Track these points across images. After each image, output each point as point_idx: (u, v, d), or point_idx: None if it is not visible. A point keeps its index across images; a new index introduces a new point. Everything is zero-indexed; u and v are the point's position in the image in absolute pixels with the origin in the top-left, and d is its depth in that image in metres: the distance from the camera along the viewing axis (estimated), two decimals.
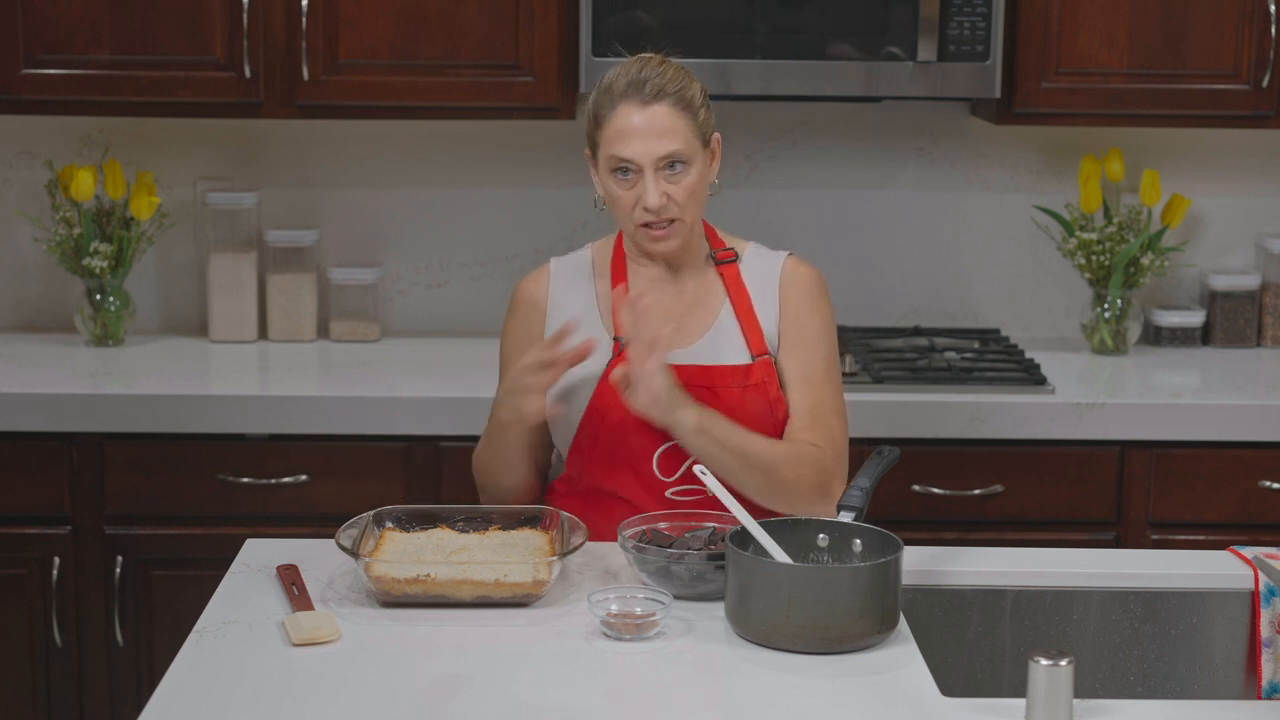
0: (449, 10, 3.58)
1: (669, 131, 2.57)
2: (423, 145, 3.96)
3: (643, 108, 2.57)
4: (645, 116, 2.57)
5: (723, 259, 2.73)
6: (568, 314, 2.68)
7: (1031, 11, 3.60)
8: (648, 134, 2.57)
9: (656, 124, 2.57)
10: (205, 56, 3.58)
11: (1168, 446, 3.47)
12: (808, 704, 2.07)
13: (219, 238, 3.89)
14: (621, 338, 2.64)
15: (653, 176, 2.57)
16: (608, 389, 2.62)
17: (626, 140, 2.57)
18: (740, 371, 2.65)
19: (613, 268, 2.73)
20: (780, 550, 2.32)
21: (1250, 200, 4.02)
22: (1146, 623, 2.51)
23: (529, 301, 2.75)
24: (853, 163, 3.99)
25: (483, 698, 2.06)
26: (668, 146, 2.57)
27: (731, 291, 2.71)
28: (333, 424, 3.43)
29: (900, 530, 2.38)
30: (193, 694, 2.08)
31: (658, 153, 2.57)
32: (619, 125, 2.58)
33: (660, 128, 2.57)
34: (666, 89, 2.58)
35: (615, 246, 2.75)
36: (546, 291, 2.74)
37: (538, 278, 2.77)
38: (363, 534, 2.42)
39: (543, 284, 2.75)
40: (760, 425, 2.63)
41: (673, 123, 2.58)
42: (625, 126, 2.57)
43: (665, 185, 2.59)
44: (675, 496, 2.63)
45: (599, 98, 2.62)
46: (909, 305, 4.03)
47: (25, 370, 3.60)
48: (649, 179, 2.57)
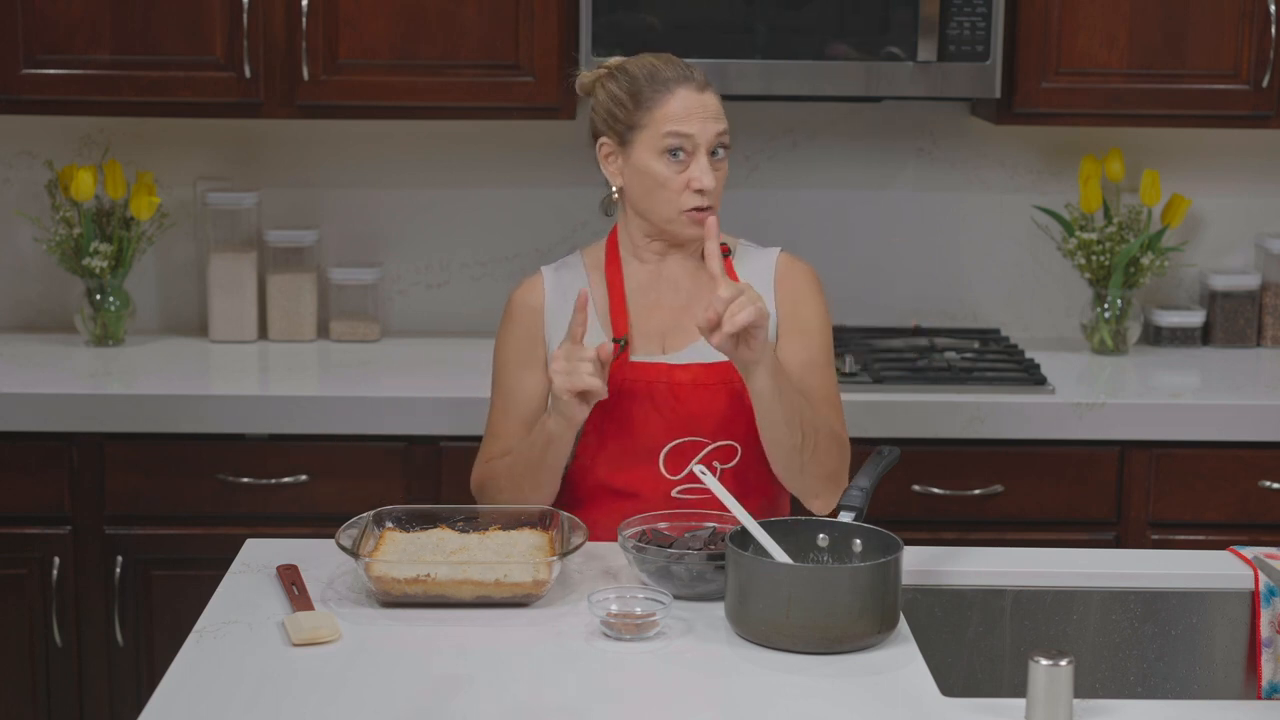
0: (449, 10, 3.58)
1: (720, 115, 2.64)
2: (423, 145, 3.96)
3: (699, 92, 2.62)
4: (703, 100, 2.62)
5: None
6: (566, 317, 2.68)
7: (1031, 11, 3.60)
8: (707, 115, 2.61)
9: (713, 107, 2.63)
10: (205, 56, 3.58)
11: (1168, 446, 3.47)
12: (808, 704, 2.07)
13: (219, 238, 3.89)
14: (621, 339, 2.64)
15: (705, 159, 2.61)
16: (612, 387, 2.61)
17: (689, 118, 2.60)
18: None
19: (607, 267, 2.73)
20: (780, 550, 2.32)
21: (1250, 200, 4.02)
22: (1146, 623, 2.51)
23: (527, 308, 2.74)
24: (853, 163, 3.99)
25: (483, 698, 2.06)
26: (721, 125, 2.63)
27: None
28: (333, 424, 3.43)
29: (900, 530, 2.37)
30: (193, 694, 2.08)
31: (715, 131, 2.62)
32: (680, 105, 2.60)
33: (716, 111, 2.63)
34: (709, 82, 2.65)
35: (608, 247, 2.75)
36: (543, 297, 2.74)
37: (532, 285, 2.76)
38: (363, 534, 2.42)
39: (538, 291, 2.75)
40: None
41: (720, 109, 2.65)
42: (688, 105, 2.60)
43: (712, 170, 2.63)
44: (680, 495, 2.63)
45: (638, 83, 2.63)
46: (909, 305, 4.03)
47: (25, 370, 3.60)
48: (703, 160, 2.60)
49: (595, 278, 2.73)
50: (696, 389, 2.63)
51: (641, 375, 2.65)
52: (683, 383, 2.64)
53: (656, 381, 2.64)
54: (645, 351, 2.68)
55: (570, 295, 2.71)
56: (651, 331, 2.69)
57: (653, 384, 2.64)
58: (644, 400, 2.64)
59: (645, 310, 2.70)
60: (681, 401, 2.63)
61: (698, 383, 2.63)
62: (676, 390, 2.63)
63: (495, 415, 2.75)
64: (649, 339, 2.68)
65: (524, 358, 2.71)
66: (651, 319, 2.69)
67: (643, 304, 2.70)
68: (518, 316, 2.75)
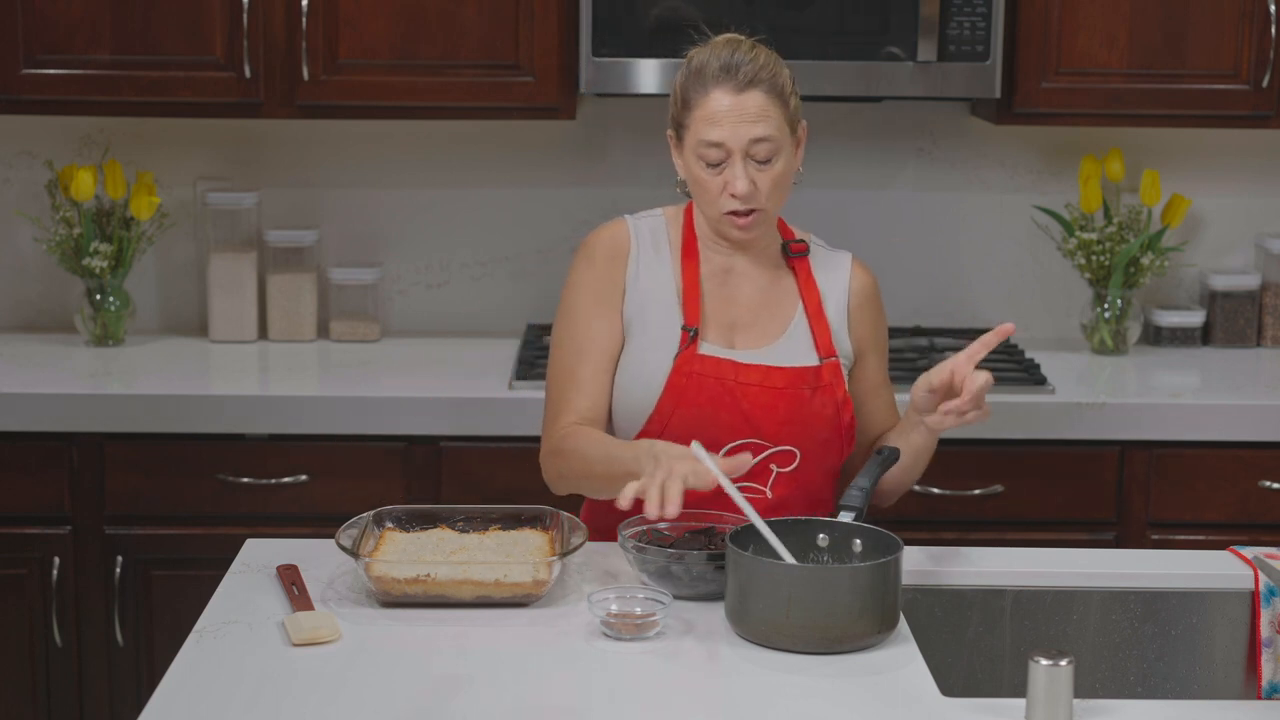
0: (449, 10, 3.58)
1: (761, 118, 2.53)
2: (423, 145, 3.96)
3: (736, 94, 2.53)
4: (738, 102, 2.52)
5: (795, 251, 2.69)
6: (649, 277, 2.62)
7: (1031, 11, 3.60)
8: (740, 119, 2.52)
9: (749, 109, 2.53)
10: (205, 56, 3.58)
11: (1168, 446, 3.47)
12: (808, 704, 2.07)
13: (219, 238, 3.89)
14: (692, 329, 2.59)
15: (741, 163, 2.53)
16: (679, 379, 2.57)
17: (718, 124, 2.52)
18: (810, 373, 2.62)
19: (684, 251, 2.66)
20: (785, 550, 2.32)
21: (1250, 200, 4.02)
22: (1146, 623, 2.51)
23: (613, 252, 2.65)
24: (853, 163, 3.99)
25: (483, 698, 2.06)
26: (759, 130, 2.52)
27: (803, 290, 2.67)
28: (333, 424, 3.43)
29: (900, 530, 2.37)
30: (193, 694, 2.08)
31: (749, 135, 2.52)
32: (711, 109, 2.53)
33: (753, 114, 2.53)
34: (760, 75, 2.54)
35: (685, 225, 2.68)
36: (629, 247, 2.65)
37: (617, 229, 2.67)
38: (363, 534, 2.42)
39: (624, 238, 2.66)
40: (826, 428, 2.61)
41: (764, 110, 2.53)
42: (718, 110, 2.52)
43: (753, 173, 2.54)
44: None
45: (688, 80, 2.57)
46: (909, 305, 4.03)
47: (25, 370, 3.60)
48: (738, 165, 2.53)
49: (673, 253, 2.67)
50: (763, 391, 2.59)
51: (710, 370, 2.59)
52: (749, 384, 2.59)
53: (723, 379, 2.58)
54: (714, 344, 2.62)
55: (654, 256, 2.64)
56: (722, 324, 2.64)
57: (719, 380, 2.58)
58: (709, 397, 2.58)
59: (718, 301, 2.64)
60: (746, 402, 2.57)
61: (764, 385, 2.59)
62: (743, 390, 2.58)
63: (571, 362, 2.62)
64: (719, 332, 2.63)
65: (606, 299, 2.63)
66: (724, 312, 2.64)
67: (716, 294, 2.64)
68: (601, 260, 2.65)
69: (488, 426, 3.43)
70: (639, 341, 2.62)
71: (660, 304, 2.63)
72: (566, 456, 2.57)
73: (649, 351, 2.61)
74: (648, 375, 2.60)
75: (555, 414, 2.62)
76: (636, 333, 2.62)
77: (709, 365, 2.59)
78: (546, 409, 2.64)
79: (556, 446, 2.59)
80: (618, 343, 2.62)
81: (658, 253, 2.66)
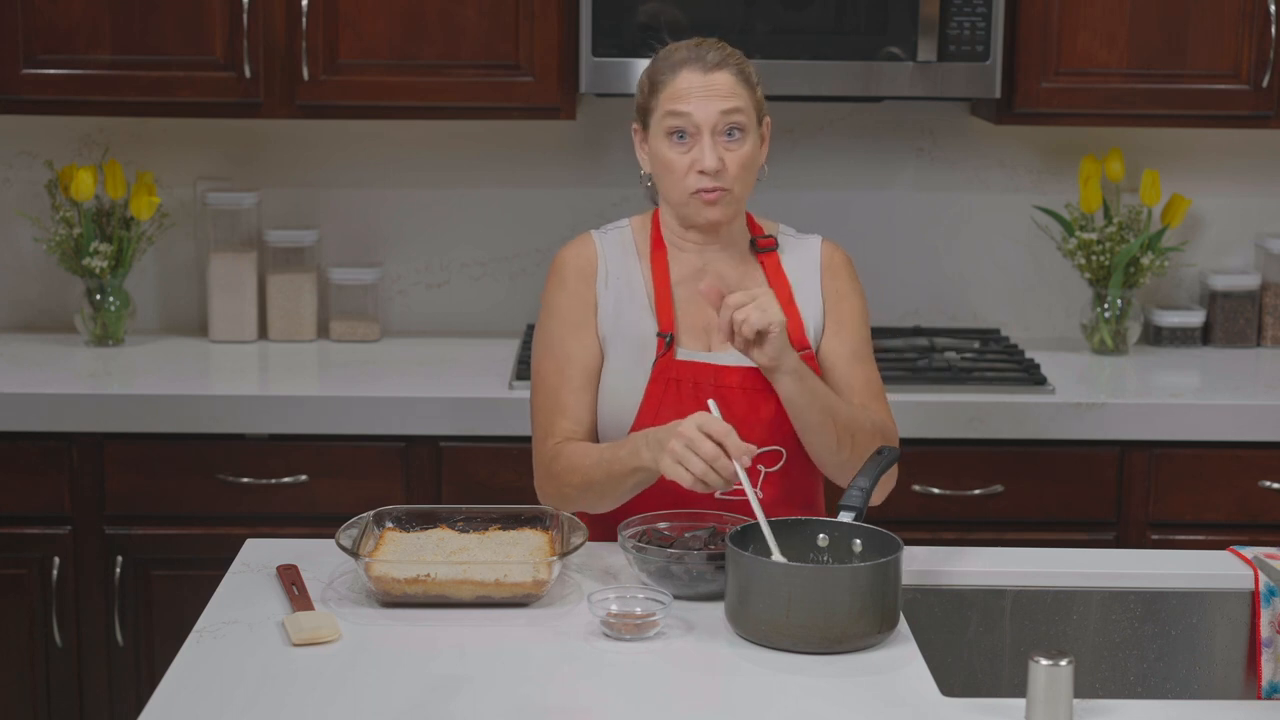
0: (449, 10, 3.58)
1: (730, 95, 2.56)
2: (423, 145, 3.96)
3: (705, 74, 2.56)
4: (707, 80, 2.56)
5: (763, 247, 2.69)
6: (619, 282, 2.63)
7: (1031, 11, 3.60)
8: (709, 95, 2.55)
9: (718, 87, 2.56)
10: (205, 56, 3.58)
11: (1168, 446, 3.47)
12: (808, 704, 2.07)
13: (219, 238, 3.89)
14: (668, 335, 2.60)
15: (710, 139, 2.55)
16: (657, 388, 2.58)
17: (687, 98, 2.55)
18: None
19: (653, 256, 2.66)
20: (777, 549, 2.32)
21: (1250, 200, 4.02)
22: (1146, 623, 2.51)
23: (581, 271, 2.66)
24: (853, 163, 3.99)
25: (483, 698, 2.06)
26: (728, 104, 2.55)
27: (773, 284, 2.66)
28: (333, 424, 3.43)
29: (900, 530, 2.37)
30: (193, 694, 2.08)
31: (718, 109, 2.55)
32: (680, 86, 2.56)
33: (722, 90, 2.56)
34: (728, 60, 2.58)
35: (653, 229, 2.69)
36: (596, 263, 2.66)
37: (583, 247, 2.68)
38: (363, 534, 2.42)
39: (590, 255, 2.66)
40: None
41: (733, 89, 2.57)
42: (687, 86, 2.55)
43: (722, 151, 2.56)
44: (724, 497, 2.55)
45: (656, 65, 2.61)
46: (909, 305, 4.03)
47: (25, 370, 3.60)
48: (706, 141, 2.55)
49: (642, 262, 2.67)
50: (745, 393, 2.58)
51: (689, 375, 2.59)
52: (730, 386, 2.58)
53: (703, 383, 2.58)
54: (691, 348, 2.62)
55: (623, 266, 2.65)
56: (696, 328, 2.64)
57: (699, 385, 2.58)
58: (690, 401, 2.57)
59: (692, 305, 2.64)
60: (729, 405, 2.55)
61: (745, 386, 2.58)
62: (725, 394, 2.57)
63: (553, 384, 2.62)
64: (694, 335, 2.63)
65: (579, 319, 2.63)
66: (698, 314, 2.64)
67: (689, 297, 2.64)
68: (570, 281, 2.66)
69: (487, 426, 3.43)
70: (617, 354, 2.62)
71: (634, 314, 2.63)
72: (560, 476, 2.58)
73: (627, 363, 2.61)
74: (628, 386, 2.60)
75: (543, 438, 2.63)
76: (614, 346, 2.63)
77: (686, 370, 2.60)
78: (534, 434, 2.66)
79: (548, 470, 2.61)
80: (597, 359, 2.63)
81: (626, 263, 2.66)
